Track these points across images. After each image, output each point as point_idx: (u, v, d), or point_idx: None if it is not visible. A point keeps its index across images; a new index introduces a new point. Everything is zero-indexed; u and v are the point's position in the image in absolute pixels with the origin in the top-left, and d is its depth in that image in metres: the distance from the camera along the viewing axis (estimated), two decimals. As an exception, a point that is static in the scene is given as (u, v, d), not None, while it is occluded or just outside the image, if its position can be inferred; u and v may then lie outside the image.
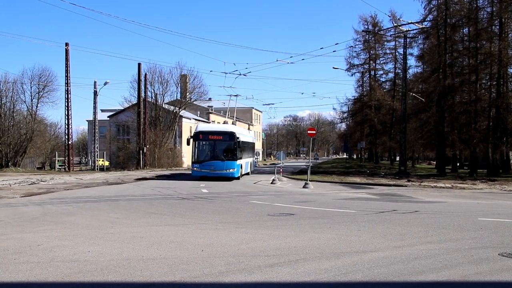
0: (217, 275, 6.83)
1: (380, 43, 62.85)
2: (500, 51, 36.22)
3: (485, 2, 40.62)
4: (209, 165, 29.61)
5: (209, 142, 30.30)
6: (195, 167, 30.28)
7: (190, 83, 63.61)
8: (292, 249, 8.64)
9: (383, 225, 11.75)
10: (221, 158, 29.82)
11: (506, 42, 36.98)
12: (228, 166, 29.78)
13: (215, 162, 29.76)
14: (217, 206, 16.23)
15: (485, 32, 38.61)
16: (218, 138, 30.21)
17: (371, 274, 6.90)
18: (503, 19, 37.40)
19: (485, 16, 40.29)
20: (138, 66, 52.48)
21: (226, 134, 30.34)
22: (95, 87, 52.75)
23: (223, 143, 30.20)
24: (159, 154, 54.70)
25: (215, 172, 29.48)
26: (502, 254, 8.15)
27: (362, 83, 66.81)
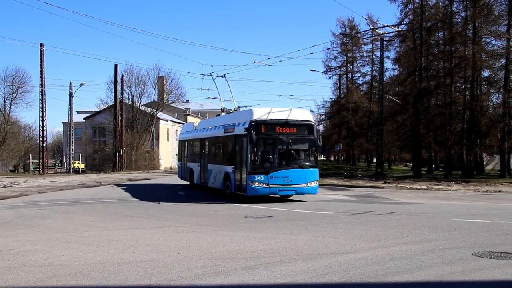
0: (193, 278, 6.78)
1: (357, 46, 63.38)
2: (474, 54, 36.76)
3: (459, 7, 41.27)
4: (283, 177, 17.72)
5: (278, 139, 17.99)
6: (255, 181, 17.41)
7: (168, 85, 63.41)
8: (269, 251, 8.63)
9: (360, 226, 11.82)
10: (299, 165, 18.19)
11: (479, 46, 37.57)
12: (310, 176, 18.26)
13: (291, 172, 17.90)
14: (194, 208, 16.16)
15: (460, 36, 39.18)
16: (291, 131, 18.13)
17: (347, 275, 6.92)
18: (476, 24, 37.98)
19: (459, 21, 40.91)
20: (115, 67, 52.12)
21: (304, 125, 18.57)
22: (70, 89, 52.19)
23: (300, 139, 18.62)
24: (136, 156, 54.31)
25: (291, 188, 17.91)
26: (475, 254, 8.25)
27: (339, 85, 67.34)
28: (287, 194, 18.40)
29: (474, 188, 26.89)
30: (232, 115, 22.08)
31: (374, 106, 54.61)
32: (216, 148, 22.19)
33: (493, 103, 40.73)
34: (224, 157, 20.66)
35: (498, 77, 38.00)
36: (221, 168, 20.42)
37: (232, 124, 19.66)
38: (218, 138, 21.43)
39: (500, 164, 40.12)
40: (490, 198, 21.01)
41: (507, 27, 35.59)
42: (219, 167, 20.73)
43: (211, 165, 21.99)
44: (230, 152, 19.86)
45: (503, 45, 36.44)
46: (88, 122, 62.93)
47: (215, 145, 22.25)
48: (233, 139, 19.26)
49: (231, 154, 19.63)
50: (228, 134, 19.87)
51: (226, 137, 20.22)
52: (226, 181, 19.60)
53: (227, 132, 20.01)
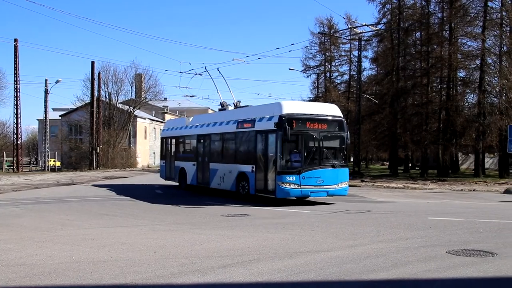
0: (169, 277, 6.74)
1: (335, 45, 63.66)
2: (450, 55, 37.23)
3: (436, 8, 41.74)
4: (315, 177, 16.24)
5: (309, 135, 16.44)
6: (286, 182, 15.84)
7: (145, 83, 63.04)
8: (246, 249, 8.62)
9: (336, 225, 11.89)
10: (331, 164, 16.78)
11: (455, 46, 38.08)
12: (342, 177, 17.02)
13: (323, 172, 16.45)
14: (171, 207, 16.07)
15: (436, 37, 39.65)
16: (322, 127, 16.70)
17: (323, 273, 6.95)
18: (453, 25, 38.47)
19: (436, 21, 41.39)
20: (92, 64, 51.57)
21: (335, 121, 17.11)
22: (46, 85, 51.33)
23: (331, 136, 17.17)
24: (112, 154, 53.85)
25: (323, 189, 16.46)
26: (449, 252, 8.36)
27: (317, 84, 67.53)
28: (318, 196, 16.83)
29: (450, 187, 27.27)
30: (246, 109, 20.33)
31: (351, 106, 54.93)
32: (225, 145, 19.90)
33: (468, 103, 41.35)
34: (238, 155, 18.67)
35: (473, 78, 38.54)
36: (232, 167, 18.61)
37: (249, 119, 17.96)
38: (228, 134, 19.39)
39: (474, 163, 40.79)
40: (465, 197, 21.33)
41: (482, 28, 36.11)
42: (229, 167, 18.90)
43: (216, 164, 20.02)
44: (247, 149, 18.09)
45: (479, 46, 36.96)
46: (64, 120, 62.17)
47: (224, 142, 19.94)
48: (253, 135, 17.51)
49: (249, 152, 17.90)
50: (245, 130, 18.11)
51: (242, 133, 18.38)
52: (241, 181, 17.96)
53: (243, 128, 18.24)
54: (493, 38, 37.29)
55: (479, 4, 37.11)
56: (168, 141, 25.71)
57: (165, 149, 25.96)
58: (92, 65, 51.62)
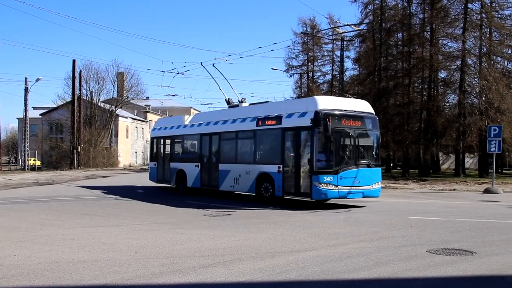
0: (150, 277, 6.69)
1: (318, 46, 63.86)
2: (431, 56, 37.59)
3: (417, 9, 42.12)
4: (352, 177, 15.27)
5: (345, 133, 15.58)
6: (324, 182, 14.71)
7: (127, 81, 62.57)
8: (228, 249, 8.60)
9: (318, 224, 11.93)
10: (367, 163, 15.94)
11: (436, 47, 38.46)
12: (376, 177, 16.34)
13: (359, 171, 15.52)
14: (152, 207, 15.99)
15: (418, 38, 40.03)
16: (357, 124, 15.81)
17: (305, 273, 6.96)
18: (434, 26, 38.85)
19: (417, 22, 41.78)
20: (73, 62, 51.14)
21: (369, 118, 16.37)
22: (26, 84, 50.73)
23: (366, 134, 16.37)
24: (94, 153, 53.41)
25: (359, 190, 15.54)
26: (429, 251, 8.43)
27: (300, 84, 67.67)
28: (354, 197, 15.86)
29: (430, 186, 27.52)
30: (264, 105, 18.90)
31: (334, 105, 55.09)
32: (240, 144, 18.62)
33: (449, 103, 41.81)
34: (258, 154, 17.53)
35: (454, 78, 38.96)
36: (251, 168, 17.36)
37: (273, 116, 16.75)
38: (245, 132, 18.06)
39: (455, 163, 41.26)
40: (445, 196, 21.55)
41: (462, 29, 36.52)
42: (246, 167, 17.62)
43: (228, 164, 18.61)
44: (272, 148, 17.02)
45: (459, 47, 37.37)
46: (45, 118, 61.45)
47: (238, 141, 18.61)
48: (279, 133, 16.29)
49: (274, 150, 16.75)
50: (268, 128, 16.90)
51: (263, 131, 17.16)
52: (263, 183, 16.76)
53: (264, 125, 17.02)
54: (473, 40, 37.75)
55: (460, 5, 37.56)
56: (160, 141, 24.04)
57: (157, 150, 24.24)
58: (74, 64, 51.18)
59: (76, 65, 51.82)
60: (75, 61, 51.27)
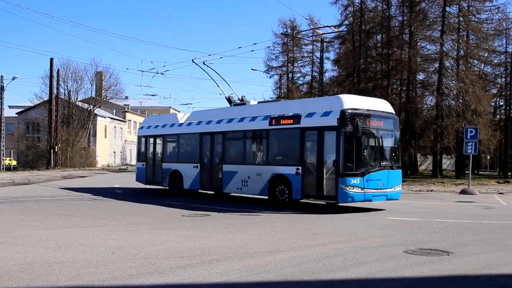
0: (127, 278, 6.63)
1: (298, 47, 64.08)
2: (410, 58, 37.97)
3: (396, 11, 42.53)
4: (377, 179, 14.84)
5: (370, 133, 15.01)
6: (350, 185, 14.20)
7: (106, 81, 61.99)
8: (206, 249, 8.57)
9: (297, 225, 11.96)
10: (390, 165, 15.44)
11: (415, 50, 38.85)
12: (398, 179, 15.87)
13: (384, 173, 15.06)
14: (131, 207, 15.88)
15: (397, 40, 40.43)
16: (380, 124, 15.31)
17: (283, 273, 6.97)
18: (412, 28, 39.27)
19: (396, 25, 42.20)
20: (50, 61, 50.37)
21: (391, 118, 15.92)
22: (1, 82, 49.91)
23: (388, 134, 15.81)
24: (71, 153, 52.80)
25: (383, 193, 15.13)
26: (406, 251, 8.51)
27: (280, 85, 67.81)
28: (379, 200, 15.36)
29: (408, 187, 27.77)
30: (278, 104, 18.20)
31: (313, 106, 55.32)
32: (249, 144, 17.82)
33: (427, 105, 42.30)
34: (272, 155, 16.79)
35: (432, 80, 39.44)
36: (263, 169, 16.57)
37: (290, 115, 15.98)
38: (256, 131, 17.28)
39: (432, 164, 41.69)
40: (423, 197, 21.79)
41: (440, 32, 37.00)
42: (256, 168, 16.83)
43: (234, 165, 17.74)
44: (289, 149, 16.40)
45: (437, 50, 37.86)
46: (21, 117, 60.53)
47: (247, 141, 17.75)
48: (298, 133, 15.52)
49: (291, 151, 16.11)
50: (284, 127, 16.15)
51: (279, 131, 16.43)
52: (278, 185, 15.99)
53: (279, 125, 16.25)
54: (450, 42, 38.24)
55: (438, 9, 38.04)
56: (150, 140, 22.69)
57: (146, 149, 22.87)
58: (51, 62, 50.47)
59: (54, 63, 51.10)
60: (52, 59, 50.59)
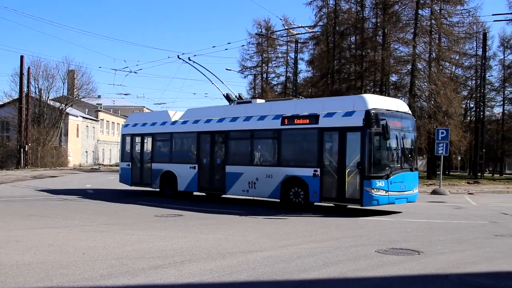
0: (98, 279, 6.55)
1: (272, 47, 64.24)
2: (383, 60, 38.38)
3: (370, 13, 42.97)
4: (399, 182, 14.36)
5: (392, 134, 14.15)
6: (376, 188, 13.61)
7: (78, 79, 60.99)
8: (178, 250, 8.52)
9: (270, 225, 11.98)
10: (410, 167, 15.13)
11: (388, 51, 39.27)
12: (416, 181, 15.63)
13: (405, 175, 14.70)
14: (103, 207, 15.69)
15: (370, 41, 40.84)
16: (400, 125, 14.94)
17: (255, 273, 6.97)
18: (386, 30, 39.68)
19: (370, 26, 42.62)
20: (21, 58, 49.46)
21: (409, 119, 15.66)
22: (-29, 80, 48.94)
23: (407, 135, 15.40)
24: (42, 153, 51.92)
25: (404, 196, 14.70)
26: (378, 251, 8.60)
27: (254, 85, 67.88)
28: (400, 203, 14.84)
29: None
30: (291, 102, 17.30)
31: (288, 107, 55.51)
32: (258, 144, 17.13)
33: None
34: (285, 156, 16.07)
35: (405, 82, 39.93)
36: (274, 170, 15.87)
37: (306, 114, 15.35)
38: (266, 131, 16.58)
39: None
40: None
41: (413, 34, 37.43)
42: (266, 170, 16.12)
43: (239, 167, 16.95)
44: (305, 150, 15.90)
45: (410, 52, 38.31)
46: (-10, 116, 59.38)
47: (256, 141, 17.05)
48: (316, 133, 14.92)
49: (308, 152, 15.58)
50: (299, 127, 15.54)
51: (293, 131, 15.79)
52: (292, 187, 15.38)
53: (293, 124, 15.62)
54: (423, 45, 38.73)
55: (411, 11, 38.48)
56: (136, 139, 21.36)
57: (132, 149, 21.54)
58: (21, 60, 49.57)
59: (24, 61, 50.17)
60: (23, 57, 49.69)
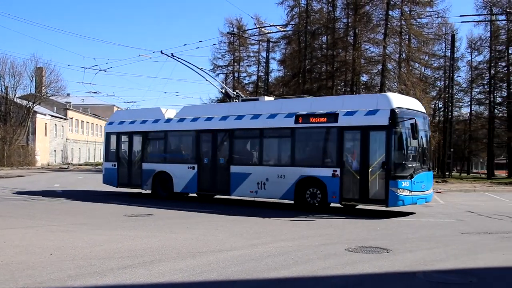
0: (65, 280, 6.44)
1: (244, 46, 64.23)
2: (354, 60, 38.76)
3: (341, 14, 43.31)
4: (420, 181, 14.24)
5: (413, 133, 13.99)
6: (401, 188, 13.39)
7: (46, 77, 59.91)
8: (148, 250, 8.44)
9: (240, 224, 11.98)
10: (427, 166, 15.09)
11: (359, 52, 39.66)
12: (431, 181, 15.44)
13: (425, 175, 14.66)
14: (71, 207, 15.45)
15: (341, 42, 41.18)
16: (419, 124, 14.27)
17: (225, 273, 6.95)
18: (357, 31, 40.04)
19: (341, 27, 42.94)
20: (-13, 55, 48.41)
21: (426, 118, 15.66)
22: None
23: (425, 135, 15.16)
24: (9, 152, 50.90)
25: (424, 196, 14.51)
26: (348, 249, 8.67)
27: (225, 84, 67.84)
28: (421, 203, 14.64)
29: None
30: (304, 100, 17.16)
31: (260, 106, 55.55)
32: (268, 143, 16.70)
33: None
34: (300, 156, 15.73)
35: (375, 82, 40.41)
36: (287, 170, 15.41)
37: (323, 113, 14.94)
38: (278, 130, 16.10)
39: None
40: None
41: (383, 35, 37.89)
42: (279, 170, 15.64)
43: (247, 166, 16.46)
44: (323, 149, 15.46)
45: (380, 52, 38.75)
46: (-46, 114, 57.89)
47: (266, 140, 16.53)
48: (335, 132, 14.61)
49: (327, 152, 15.26)
50: (317, 125, 15.15)
51: (309, 129, 15.43)
52: (309, 188, 14.95)
53: (311, 123, 15.19)
54: (393, 45, 39.27)
55: (381, 12, 38.94)
56: (123, 138, 20.31)
57: (118, 148, 20.45)
58: (-12, 56, 48.56)
59: (-10, 58, 49.20)
60: (-11, 54, 48.72)
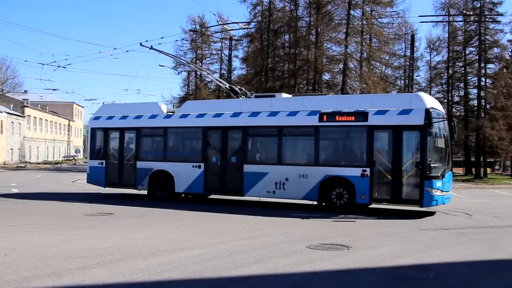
0: (21, 282, 6.29)
1: (207, 44, 63.94)
2: (316, 58, 39.10)
3: (304, 12, 43.58)
4: (448, 181, 14.48)
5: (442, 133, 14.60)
6: (435, 188, 13.37)
7: (3, 73, 58.33)
8: (108, 249, 8.31)
9: (202, 222, 11.94)
10: (450, 166, 15.36)
11: (321, 50, 40.04)
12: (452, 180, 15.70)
13: (450, 175, 14.96)
14: (29, 207, 15.08)
15: (304, 40, 41.45)
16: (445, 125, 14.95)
17: (186, 271, 6.91)
18: (319, 29, 40.41)
19: (304, 25, 43.22)
20: None
21: (446, 118, 15.42)
22: None
23: (447, 135, 15.07)
24: (-36, 150, 49.41)
25: (448, 196, 14.67)
26: (309, 247, 8.74)
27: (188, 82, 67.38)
28: (446, 203, 14.42)
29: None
30: (327, 98, 17.08)
31: (222, 104, 55.45)
32: (289, 142, 16.27)
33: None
34: (325, 155, 15.58)
35: (337, 81, 40.89)
36: (311, 170, 15.02)
37: (351, 111, 14.70)
38: (300, 128, 15.69)
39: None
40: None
41: (345, 34, 38.37)
42: (301, 169, 15.19)
43: (263, 166, 16.02)
44: (348, 147, 15.49)
45: (342, 51, 39.25)
46: None
47: (285, 138, 16.02)
48: (365, 131, 14.37)
49: (354, 150, 15.28)
50: (344, 124, 14.93)
51: (335, 128, 15.30)
52: (335, 188, 14.66)
53: (338, 121, 14.95)
54: (354, 45, 39.85)
55: (343, 11, 39.45)
56: (112, 134, 19.13)
57: (106, 145, 19.20)
58: None
59: None
60: None
